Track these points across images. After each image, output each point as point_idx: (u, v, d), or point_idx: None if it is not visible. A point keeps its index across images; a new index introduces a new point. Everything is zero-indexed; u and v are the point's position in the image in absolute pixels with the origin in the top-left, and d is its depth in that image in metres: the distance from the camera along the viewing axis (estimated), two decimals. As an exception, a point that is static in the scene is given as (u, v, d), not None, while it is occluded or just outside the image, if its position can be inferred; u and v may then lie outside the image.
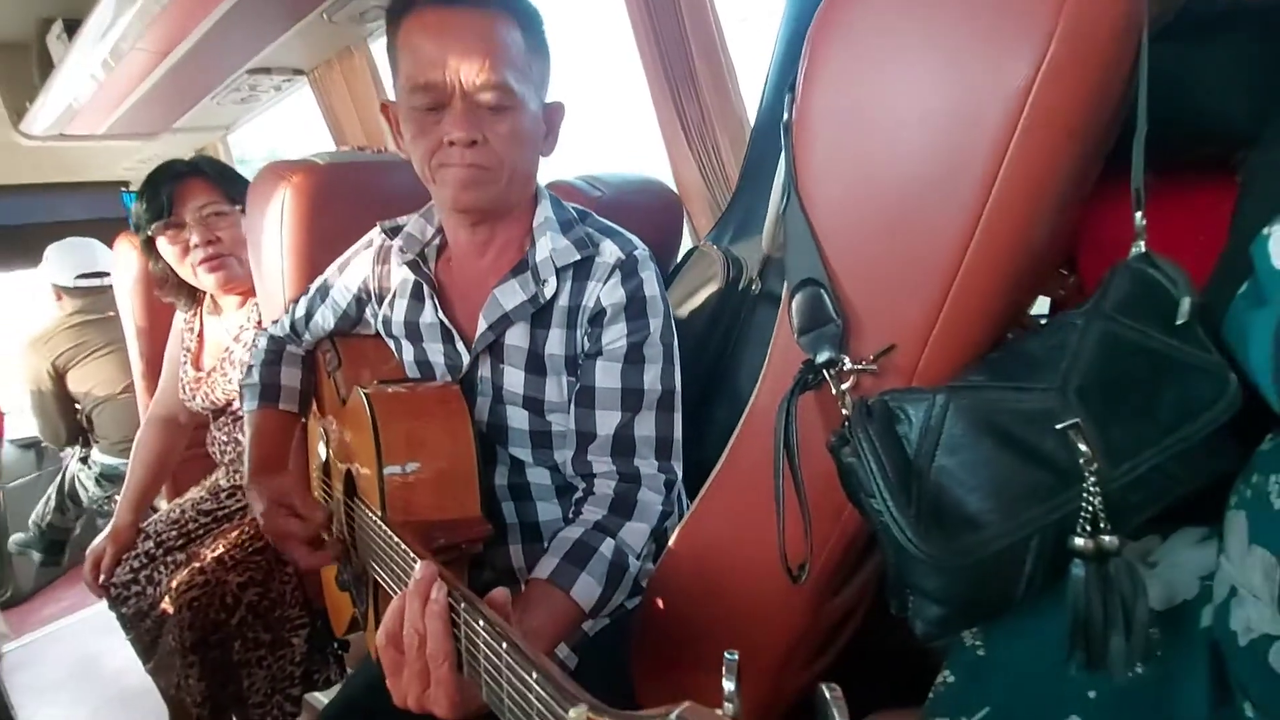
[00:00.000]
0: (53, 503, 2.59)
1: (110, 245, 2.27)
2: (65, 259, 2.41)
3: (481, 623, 0.50)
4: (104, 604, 1.51)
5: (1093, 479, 0.44)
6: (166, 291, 1.55)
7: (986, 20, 0.43)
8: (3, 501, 2.83)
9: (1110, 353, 0.46)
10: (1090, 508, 0.44)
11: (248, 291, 1.47)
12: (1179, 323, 0.48)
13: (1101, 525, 0.44)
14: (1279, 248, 0.47)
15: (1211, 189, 0.68)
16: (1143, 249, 0.51)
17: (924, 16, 0.45)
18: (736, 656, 0.34)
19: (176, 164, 1.43)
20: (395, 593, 0.70)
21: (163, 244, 1.43)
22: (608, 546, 0.73)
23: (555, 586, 0.70)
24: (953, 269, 0.46)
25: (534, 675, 0.43)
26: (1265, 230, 0.49)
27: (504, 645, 0.47)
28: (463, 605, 0.52)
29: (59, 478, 2.60)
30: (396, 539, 0.68)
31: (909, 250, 0.47)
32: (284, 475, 0.94)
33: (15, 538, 2.66)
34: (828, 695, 0.29)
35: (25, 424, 2.86)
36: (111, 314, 2.37)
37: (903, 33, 0.46)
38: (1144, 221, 0.51)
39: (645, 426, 0.79)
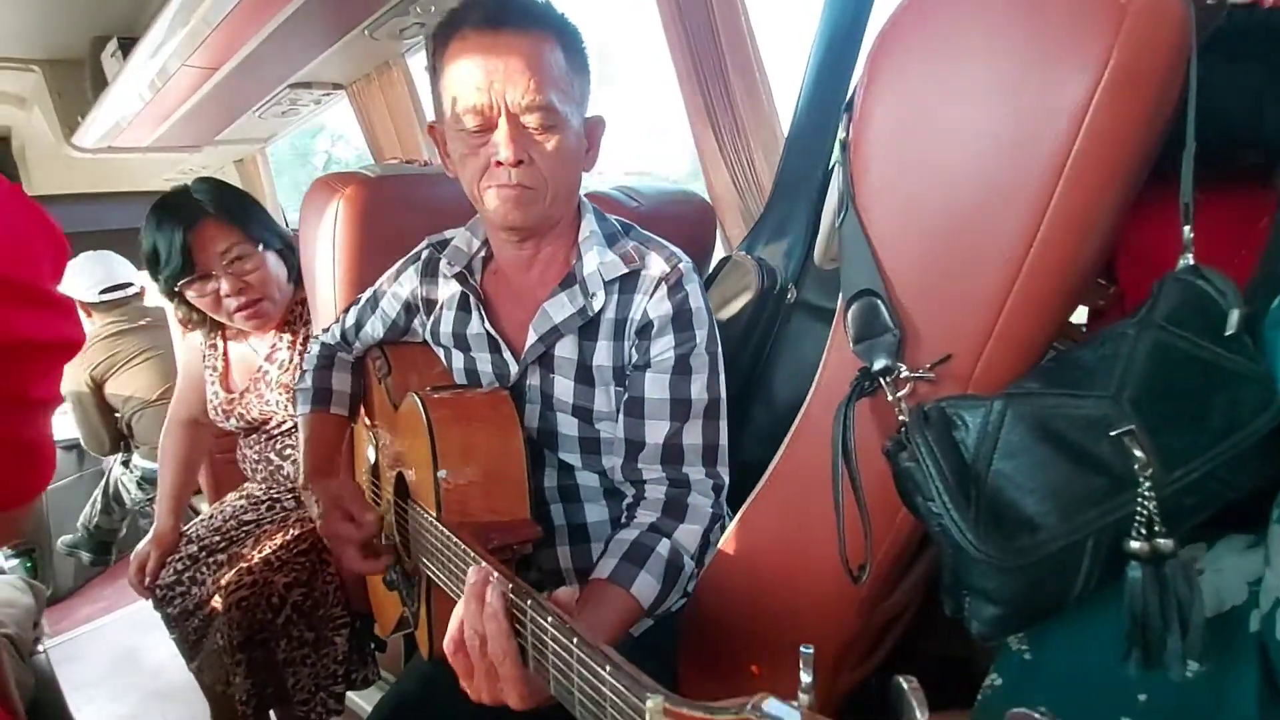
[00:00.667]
0: (99, 505, 2.66)
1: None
2: (85, 276, 2.43)
3: (550, 619, 0.51)
4: (142, 602, 1.53)
5: (1148, 484, 0.45)
6: (192, 326, 1.53)
7: (1044, 44, 0.45)
8: (46, 502, 2.91)
9: (1162, 362, 0.48)
10: (1145, 512, 0.46)
11: (280, 321, 1.47)
12: (1228, 333, 0.49)
13: (1156, 529, 0.46)
14: None
15: (1249, 201, 0.69)
16: (1191, 261, 0.53)
17: (984, 39, 0.47)
18: (812, 650, 0.35)
19: (183, 203, 1.33)
20: (453, 590, 0.72)
21: (192, 295, 1.37)
22: (664, 546, 0.75)
23: (616, 585, 0.72)
24: (1009, 282, 0.48)
25: (607, 668, 0.45)
26: None
27: (574, 640, 0.49)
28: (529, 603, 0.54)
29: (103, 481, 2.67)
30: (455, 539, 0.71)
31: (966, 264, 0.49)
32: (339, 480, 0.97)
33: (64, 539, 2.73)
34: (905, 687, 0.30)
35: (66, 425, 2.94)
36: (144, 322, 2.44)
37: (961, 55, 0.48)
38: (1192, 235, 0.53)
39: (693, 435, 0.82)
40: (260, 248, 1.38)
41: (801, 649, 0.35)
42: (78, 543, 2.69)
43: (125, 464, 2.53)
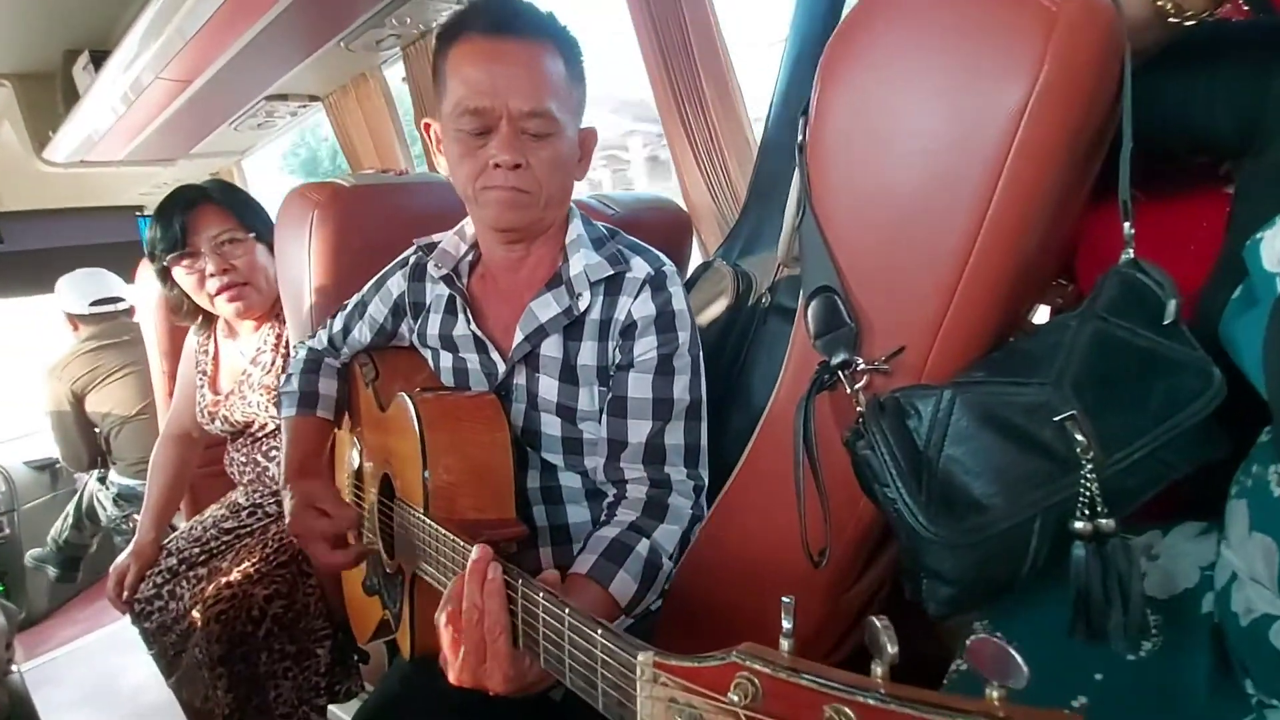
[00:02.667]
0: (70, 520, 2.62)
1: (124, 269, 2.33)
2: (78, 288, 2.47)
3: (541, 594, 0.54)
4: (119, 623, 1.54)
5: (1089, 466, 0.48)
6: (181, 316, 1.56)
7: (981, 52, 0.47)
8: (18, 523, 2.86)
9: (1102, 349, 0.51)
10: (1088, 493, 0.48)
11: (263, 316, 1.50)
12: (1166, 322, 0.52)
13: (1099, 509, 0.48)
14: (1270, 252, 0.51)
15: (1202, 195, 0.73)
16: (1131, 255, 0.55)
17: (925, 47, 0.50)
18: (793, 600, 0.36)
19: (188, 191, 1.43)
20: (442, 583, 0.73)
21: (179, 273, 1.43)
22: (644, 546, 0.76)
23: (595, 582, 0.73)
24: (956, 275, 0.50)
25: (599, 632, 0.47)
26: (1258, 234, 0.53)
27: (565, 610, 0.51)
28: (520, 581, 0.57)
29: (77, 497, 2.64)
30: (445, 532, 0.72)
31: (916, 258, 0.52)
32: (316, 479, 0.98)
33: (32, 553, 2.69)
34: (879, 625, 0.32)
35: (41, 446, 2.90)
36: (126, 337, 2.42)
37: (906, 62, 0.51)
38: (1132, 231, 0.56)
39: (675, 435, 0.83)
40: (251, 236, 1.42)
41: (783, 599, 0.36)
42: (45, 557, 2.66)
43: (102, 480, 2.50)
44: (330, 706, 1.36)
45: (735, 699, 0.36)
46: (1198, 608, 0.59)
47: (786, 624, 0.35)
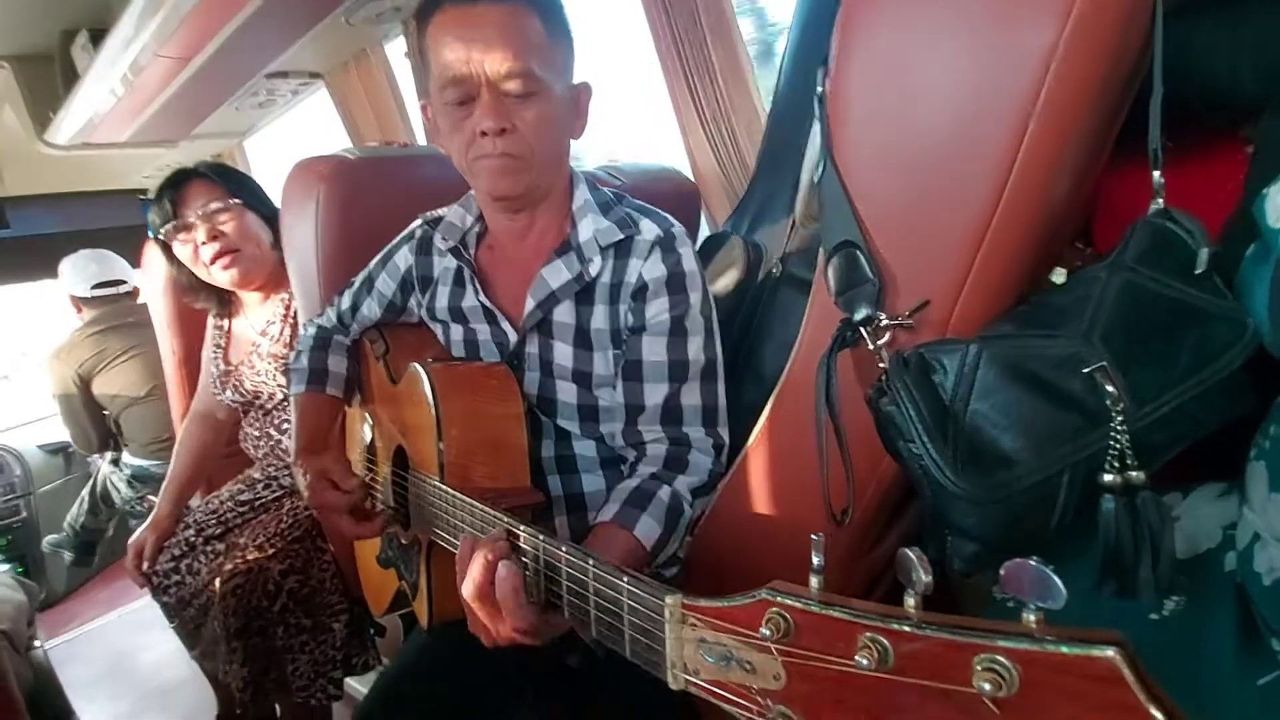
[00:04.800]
0: (85, 505, 2.64)
1: (130, 252, 2.32)
2: (81, 270, 2.46)
3: (564, 549, 0.54)
4: (139, 602, 1.57)
5: (1119, 418, 0.47)
6: (196, 298, 1.60)
7: (1010, -7, 0.46)
8: (35, 506, 2.90)
9: (1132, 301, 0.49)
10: (1118, 445, 0.47)
11: (266, 286, 1.52)
12: (1197, 272, 0.51)
13: (1129, 461, 0.47)
14: (1274, 207, 0.50)
15: (1222, 155, 0.71)
16: (1160, 205, 0.54)
17: (950, -10, 0.48)
18: (822, 536, 0.36)
19: (179, 171, 1.49)
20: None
21: (177, 248, 1.48)
22: (665, 492, 0.77)
23: (620, 527, 0.73)
24: (982, 227, 0.49)
25: (624, 579, 0.47)
26: (1265, 190, 0.52)
27: (590, 562, 0.51)
28: (541, 537, 0.57)
29: (91, 481, 2.65)
30: (464, 497, 0.72)
31: (941, 211, 0.50)
32: (325, 454, 0.98)
33: (49, 538, 2.72)
34: (913, 556, 0.32)
35: (53, 430, 2.92)
36: (131, 319, 2.42)
37: (931, 7, 0.49)
38: (1162, 180, 0.54)
39: (691, 396, 0.83)
40: (236, 203, 1.46)
41: (813, 536, 0.36)
42: (61, 542, 2.69)
43: (115, 462, 2.51)
44: (347, 679, 1.37)
45: (768, 633, 0.36)
46: (1220, 567, 0.58)
47: (817, 559, 0.35)
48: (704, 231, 1.57)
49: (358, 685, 1.58)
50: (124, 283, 2.52)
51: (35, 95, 2.18)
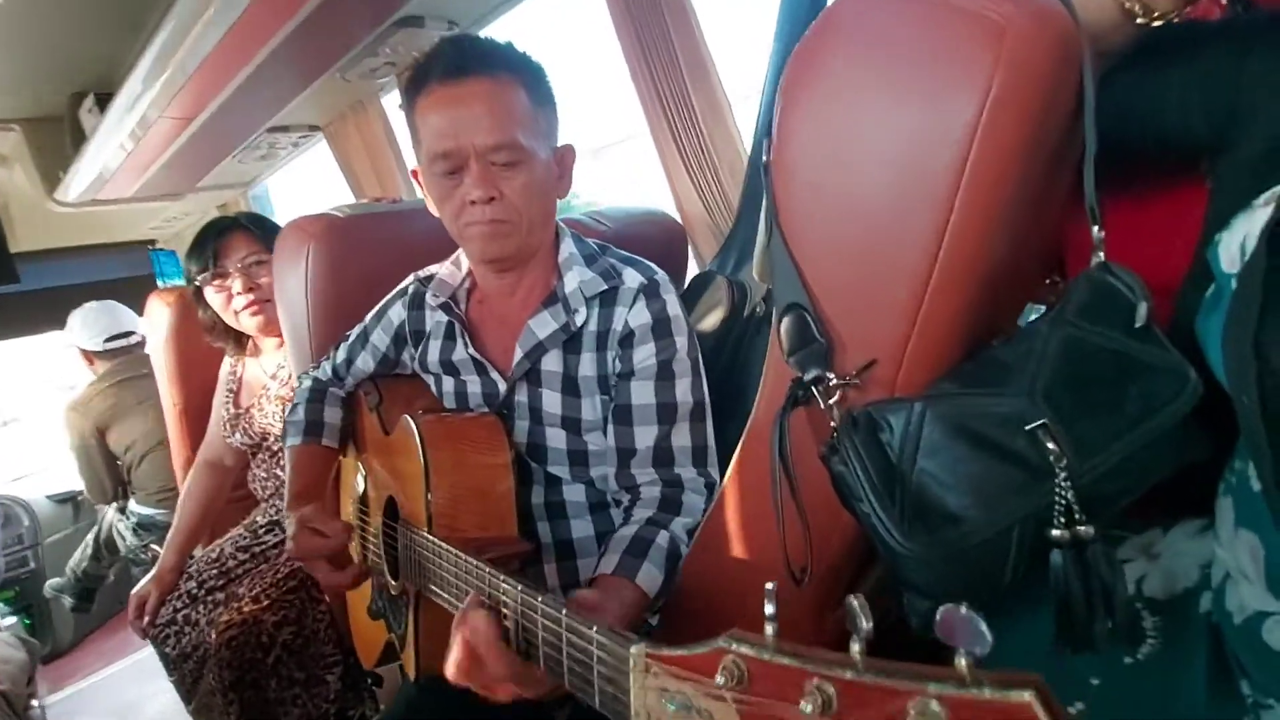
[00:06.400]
0: (89, 551, 2.66)
1: (139, 303, 2.37)
2: (92, 325, 2.51)
3: (540, 599, 0.55)
4: (142, 653, 1.57)
5: (1063, 474, 0.47)
6: (215, 337, 1.66)
7: (934, 70, 0.48)
8: (43, 556, 2.91)
9: (1073, 356, 0.50)
10: (1064, 500, 0.48)
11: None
12: (1138, 325, 0.52)
13: (1076, 516, 0.48)
14: (1226, 252, 0.51)
15: (1184, 191, 0.72)
16: (1101, 259, 0.55)
17: (880, 65, 0.50)
18: (775, 585, 0.37)
19: (222, 220, 1.58)
20: (448, 601, 0.75)
21: (209, 293, 1.55)
22: (663, 538, 0.78)
23: (622, 579, 0.74)
24: (922, 287, 0.50)
25: (593, 629, 0.48)
26: (1217, 236, 0.53)
27: (563, 612, 0.53)
28: (519, 588, 0.58)
29: (96, 528, 2.68)
30: (450, 549, 0.73)
31: (882, 273, 0.52)
32: (313, 504, 1.00)
33: (51, 582, 2.74)
34: (855, 604, 0.33)
35: (62, 479, 2.95)
36: (145, 371, 2.46)
37: (863, 79, 0.51)
38: (1101, 234, 0.55)
39: (681, 437, 0.85)
40: None
41: (766, 585, 0.37)
42: (62, 587, 2.71)
43: (121, 510, 2.54)
44: (345, 730, 1.37)
45: (721, 681, 0.37)
46: (1196, 607, 0.58)
47: (770, 609, 0.36)
48: (692, 271, 1.59)
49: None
50: (134, 334, 2.58)
51: (45, 156, 2.25)
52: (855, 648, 0.33)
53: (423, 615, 0.86)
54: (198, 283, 1.54)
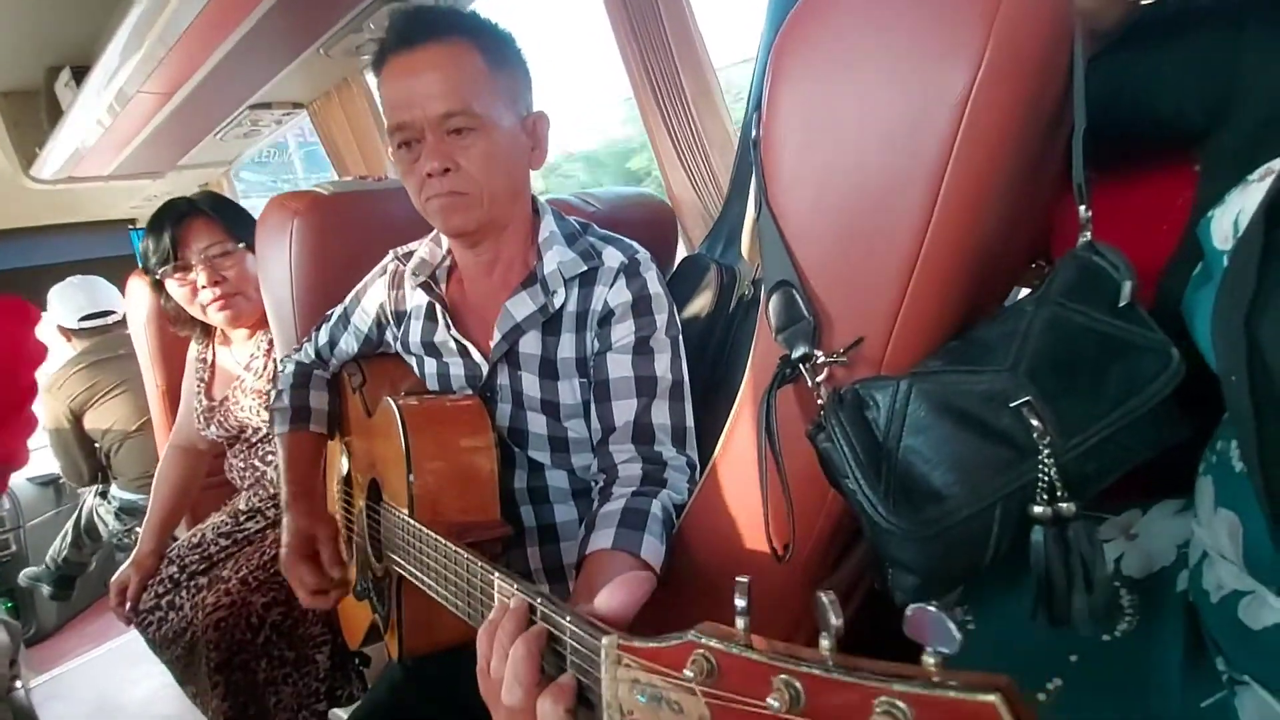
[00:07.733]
0: (69, 539, 2.62)
1: (119, 282, 2.33)
2: (68, 301, 2.44)
3: (515, 585, 0.55)
4: (128, 636, 1.55)
5: (1047, 451, 0.48)
6: (180, 326, 1.60)
7: (927, 39, 0.47)
8: (25, 539, 2.88)
9: (1058, 334, 0.51)
10: (1046, 478, 0.48)
11: (257, 324, 1.52)
12: (1122, 304, 0.52)
13: (1059, 493, 0.48)
14: (1219, 229, 0.51)
15: (1171, 173, 0.72)
16: (1088, 238, 0.55)
17: (872, 36, 0.50)
18: (748, 580, 0.37)
19: (179, 203, 1.46)
20: (426, 584, 0.74)
21: (171, 286, 1.47)
22: (656, 506, 0.73)
23: (623, 553, 0.69)
24: (910, 265, 0.50)
25: (567, 619, 0.48)
26: (1209, 212, 0.53)
27: (538, 600, 0.52)
28: (496, 575, 0.57)
29: (76, 513, 2.64)
30: (429, 533, 0.73)
31: (870, 250, 0.52)
32: (317, 518, 0.99)
33: (26, 571, 2.69)
34: (825, 600, 0.33)
35: (44, 462, 2.91)
36: (122, 351, 2.42)
37: (854, 52, 0.51)
38: (1089, 214, 0.56)
39: (661, 414, 0.82)
40: (241, 246, 1.45)
41: (738, 579, 0.37)
42: (39, 576, 2.66)
43: (103, 494, 2.50)
44: (332, 710, 1.37)
45: (691, 675, 0.37)
46: (1173, 586, 0.59)
47: (741, 602, 0.36)
48: (681, 254, 1.59)
49: (343, 715, 1.57)
50: (112, 312, 2.51)
51: (20, 131, 2.20)
52: (825, 644, 0.33)
53: (405, 597, 0.86)
54: (158, 276, 1.46)
